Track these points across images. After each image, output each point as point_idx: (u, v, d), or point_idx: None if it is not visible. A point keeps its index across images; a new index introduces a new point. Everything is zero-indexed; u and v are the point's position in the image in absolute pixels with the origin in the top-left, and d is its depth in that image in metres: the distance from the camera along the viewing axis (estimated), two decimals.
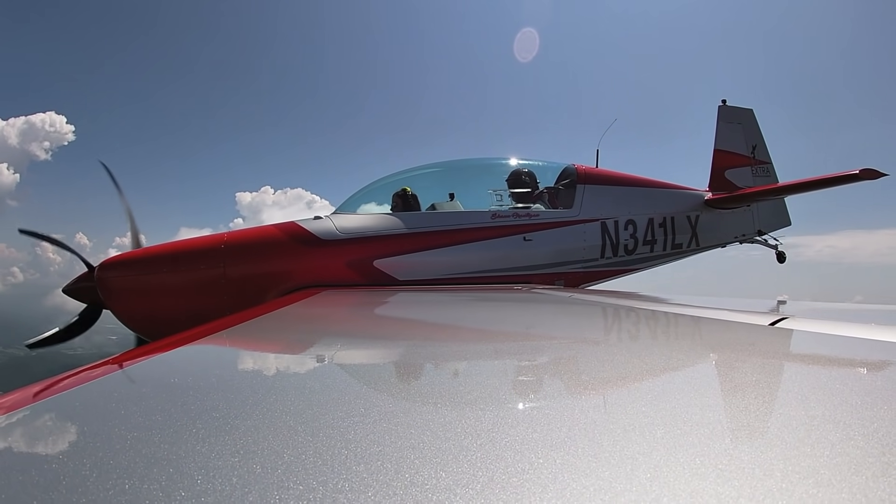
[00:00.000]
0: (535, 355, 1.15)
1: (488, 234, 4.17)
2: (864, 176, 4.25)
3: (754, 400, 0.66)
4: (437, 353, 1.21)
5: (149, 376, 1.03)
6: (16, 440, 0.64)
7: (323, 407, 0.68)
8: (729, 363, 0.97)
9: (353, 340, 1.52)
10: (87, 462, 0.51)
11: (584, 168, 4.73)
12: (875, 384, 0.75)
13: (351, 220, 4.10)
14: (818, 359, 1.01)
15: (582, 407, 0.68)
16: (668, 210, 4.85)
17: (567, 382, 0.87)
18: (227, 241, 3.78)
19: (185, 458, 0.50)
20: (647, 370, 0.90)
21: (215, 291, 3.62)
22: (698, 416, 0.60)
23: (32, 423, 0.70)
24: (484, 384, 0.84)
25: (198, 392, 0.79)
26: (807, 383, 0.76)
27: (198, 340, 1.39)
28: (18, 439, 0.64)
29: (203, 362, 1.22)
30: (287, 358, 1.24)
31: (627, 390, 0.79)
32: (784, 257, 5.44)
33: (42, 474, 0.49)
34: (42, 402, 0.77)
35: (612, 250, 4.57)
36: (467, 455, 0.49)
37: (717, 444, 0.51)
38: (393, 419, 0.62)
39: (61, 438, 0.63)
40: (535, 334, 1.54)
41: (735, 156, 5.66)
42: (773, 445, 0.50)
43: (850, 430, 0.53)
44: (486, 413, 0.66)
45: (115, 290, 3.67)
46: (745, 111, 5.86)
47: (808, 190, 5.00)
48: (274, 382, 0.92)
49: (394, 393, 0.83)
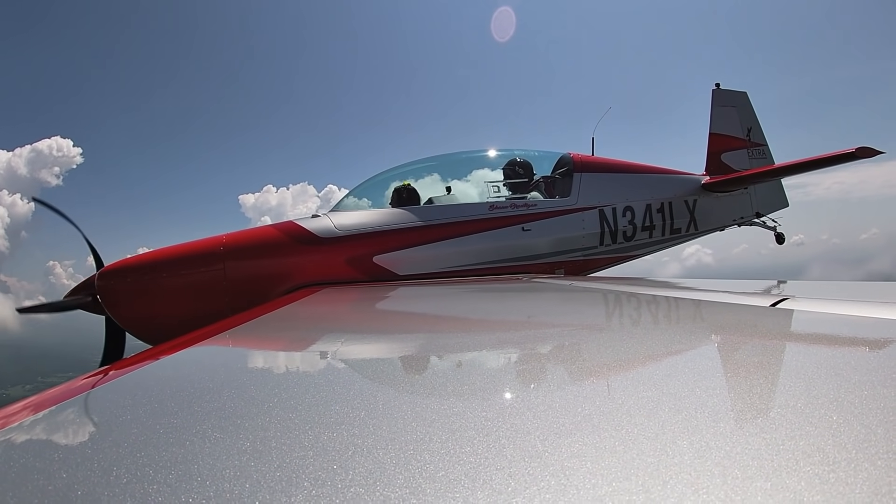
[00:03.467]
0: (538, 344, 1.16)
1: (486, 226, 4.17)
2: (861, 154, 4.25)
3: (757, 381, 0.67)
4: (441, 345, 1.21)
5: (156, 379, 1.03)
6: (27, 444, 0.64)
7: (330, 404, 0.68)
8: (731, 345, 0.98)
9: (356, 336, 1.52)
10: (97, 464, 0.51)
11: (580, 156, 4.72)
12: (878, 362, 0.75)
13: (349, 217, 4.09)
14: (820, 338, 1.01)
15: (587, 393, 0.68)
16: (665, 195, 4.85)
17: (571, 370, 0.87)
18: (227, 243, 3.77)
19: (194, 459, 0.51)
20: (650, 355, 0.91)
21: (216, 293, 3.62)
22: (702, 399, 0.60)
23: (43, 426, 0.70)
24: (489, 375, 0.84)
25: (204, 393, 0.79)
26: (809, 363, 0.76)
27: (202, 342, 1.39)
28: (30, 443, 0.64)
29: (208, 363, 1.23)
30: (293, 356, 1.24)
31: (630, 375, 0.79)
32: (783, 238, 5.45)
33: (53, 477, 0.49)
34: (52, 408, 0.78)
35: (611, 237, 4.57)
36: (476, 446, 0.50)
37: (722, 426, 0.51)
38: (401, 413, 0.62)
39: (71, 441, 0.64)
40: (537, 323, 1.55)
41: (730, 139, 5.65)
42: (777, 426, 0.50)
43: (854, 409, 0.53)
44: (492, 403, 0.67)
45: (115, 297, 3.66)
46: (739, 94, 5.85)
47: (804, 171, 5.00)
48: (280, 381, 0.93)
49: (401, 387, 0.83)
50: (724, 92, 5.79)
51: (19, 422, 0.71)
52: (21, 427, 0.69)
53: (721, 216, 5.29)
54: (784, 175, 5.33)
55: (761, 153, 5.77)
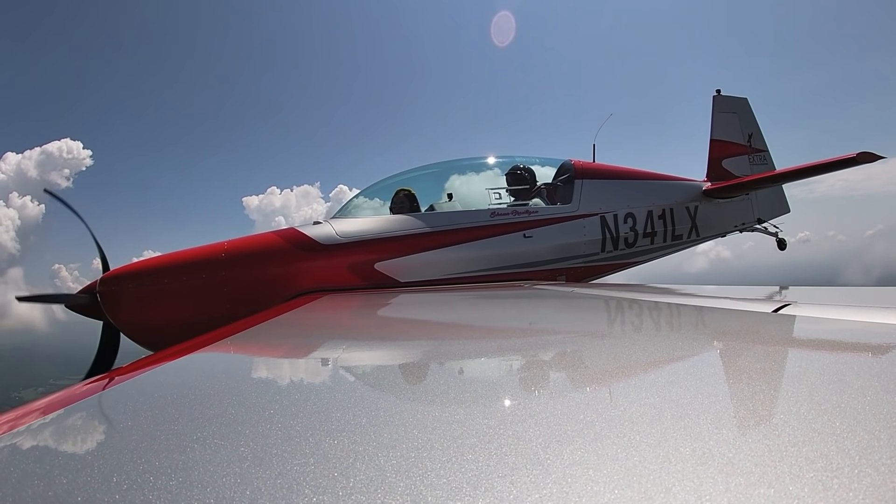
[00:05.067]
0: (540, 351, 1.15)
1: (488, 233, 4.17)
2: (862, 159, 4.25)
3: (760, 387, 0.66)
4: (442, 352, 1.21)
5: (157, 385, 1.03)
6: (28, 449, 0.64)
7: (331, 411, 0.68)
8: (734, 351, 0.97)
9: (358, 343, 1.52)
10: (98, 470, 0.51)
11: (581, 163, 4.74)
12: (880, 368, 0.75)
13: (350, 224, 4.10)
14: (822, 344, 1.01)
15: (589, 400, 0.68)
16: (666, 201, 4.85)
17: (573, 376, 0.87)
18: (228, 250, 3.78)
19: (195, 466, 0.50)
20: (652, 361, 0.90)
21: (218, 300, 3.62)
22: (705, 406, 0.60)
23: (44, 431, 0.70)
24: (491, 382, 0.84)
25: (205, 399, 0.79)
26: (812, 369, 0.76)
27: (203, 348, 1.39)
28: (30, 448, 0.64)
29: (209, 370, 1.23)
30: (294, 363, 1.24)
31: (633, 382, 0.79)
32: (785, 244, 5.44)
33: (53, 482, 0.49)
34: (53, 413, 0.78)
35: (613, 244, 4.57)
36: (478, 453, 0.49)
37: (725, 433, 0.51)
38: (402, 420, 0.62)
39: (72, 447, 0.64)
40: (539, 330, 1.55)
41: (731, 145, 5.66)
42: (780, 432, 0.50)
43: (857, 415, 0.53)
44: (494, 410, 0.67)
45: (117, 303, 3.67)
46: (739, 100, 5.87)
47: (805, 176, 5.00)
48: (281, 388, 0.92)
49: (402, 394, 0.83)
50: (725, 98, 5.81)
51: (21, 427, 0.71)
52: (22, 432, 0.69)
53: (722, 222, 5.29)
54: (785, 181, 5.33)
55: (762, 159, 5.78)
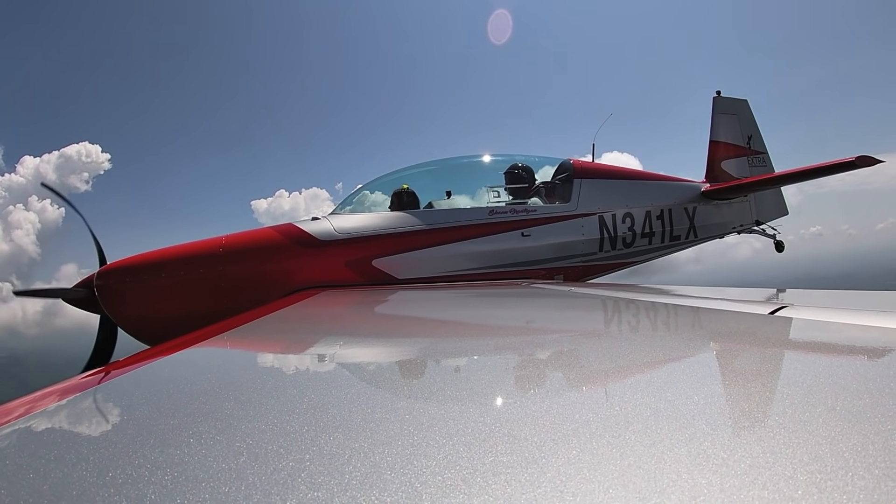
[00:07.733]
0: (536, 350, 1.15)
1: (486, 231, 4.17)
2: (861, 163, 4.26)
3: (755, 389, 0.67)
4: (439, 350, 1.21)
5: (153, 379, 1.03)
6: (22, 443, 0.64)
7: (327, 407, 0.68)
8: (730, 353, 0.98)
9: (354, 340, 1.52)
10: (93, 464, 0.51)
11: (580, 162, 4.74)
12: (876, 371, 0.75)
13: (349, 220, 4.09)
14: (819, 346, 1.01)
15: (585, 399, 0.68)
16: (665, 202, 4.86)
17: (569, 376, 0.87)
18: (226, 245, 3.77)
19: (190, 461, 0.50)
20: (649, 362, 0.91)
21: (215, 295, 3.61)
22: (700, 407, 0.60)
23: (38, 426, 0.70)
24: (487, 380, 0.84)
25: (201, 394, 0.79)
26: (808, 371, 0.76)
27: (200, 343, 1.39)
28: (24, 442, 0.64)
29: (205, 365, 1.22)
30: (290, 359, 1.24)
31: (629, 382, 0.79)
32: (782, 246, 5.46)
33: (48, 477, 0.49)
34: (48, 407, 0.77)
35: (611, 244, 4.58)
36: (473, 450, 0.50)
37: (720, 435, 0.51)
38: (398, 417, 0.62)
39: (67, 441, 0.63)
40: (536, 329, 1.55)
41: (731, 146, 5.67)
42: (774, 434, 0.50)
43: (851, 417, 0.53)
44: (490, 408, 0.67)
45: (114, 296, 3.66)
46: (739, 102, 5.87)
47: (804, 179, 5.01)
48: (278, 384, 0.92)
49: (398, 391, 0.83)
50: (725, 99, 5.82)
51: (14, 421, 0.71)
52: (16, 426, 0.69)
53: (721, 224, 5.30)
54: (784, 183, 5.34)
55: (761, 161, 5.79)
